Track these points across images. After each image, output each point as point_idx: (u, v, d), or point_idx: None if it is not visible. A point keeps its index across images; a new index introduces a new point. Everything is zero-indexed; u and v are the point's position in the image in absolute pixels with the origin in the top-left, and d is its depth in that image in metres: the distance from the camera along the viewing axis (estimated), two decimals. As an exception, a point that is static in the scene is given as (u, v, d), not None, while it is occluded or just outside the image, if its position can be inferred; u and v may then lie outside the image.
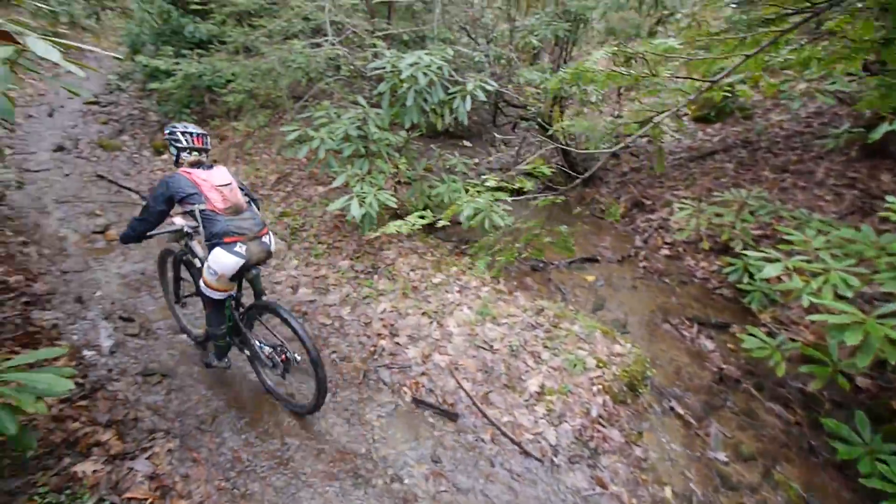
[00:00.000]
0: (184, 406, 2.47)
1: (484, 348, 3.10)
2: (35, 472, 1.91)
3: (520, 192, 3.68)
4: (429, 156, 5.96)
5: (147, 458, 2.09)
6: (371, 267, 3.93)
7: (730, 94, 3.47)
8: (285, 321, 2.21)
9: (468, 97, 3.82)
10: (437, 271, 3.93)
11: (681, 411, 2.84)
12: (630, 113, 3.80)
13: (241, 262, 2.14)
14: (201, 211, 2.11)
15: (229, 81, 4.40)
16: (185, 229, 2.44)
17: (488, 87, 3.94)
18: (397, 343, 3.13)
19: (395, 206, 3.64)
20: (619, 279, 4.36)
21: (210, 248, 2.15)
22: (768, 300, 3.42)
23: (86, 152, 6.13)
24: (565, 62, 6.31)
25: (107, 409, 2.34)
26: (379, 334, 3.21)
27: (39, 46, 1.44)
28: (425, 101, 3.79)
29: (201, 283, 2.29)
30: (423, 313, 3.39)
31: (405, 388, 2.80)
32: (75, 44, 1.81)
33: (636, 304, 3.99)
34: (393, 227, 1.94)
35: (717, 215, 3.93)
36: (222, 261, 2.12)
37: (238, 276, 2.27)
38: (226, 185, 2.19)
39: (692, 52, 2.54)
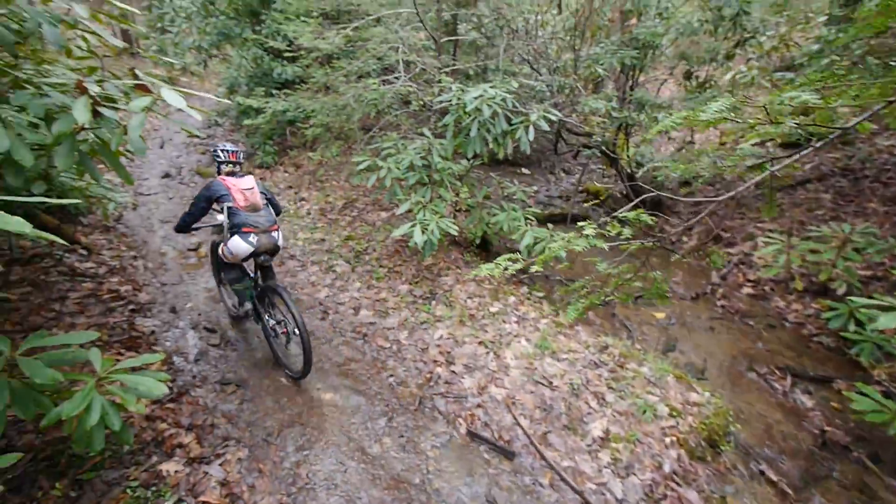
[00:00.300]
0: (253, 417, 2.63)
1: (543, 384, 2.98)
2: (129, 466, 2.12)
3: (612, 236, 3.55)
4: (488, 183, 6.03)
5: (220, 465, 2.23)
6: (429, 292, 3.99)
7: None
8: (284, 301, 2.68)
9: (531, 127, 3.84)
10: (494, 300, 3.88)
11: (773, 477, 2.48)
12: (734, 156, 3.51)
13: (251, 249, 2.71)
14: (228, 207, 2.72)
15: (309, 116, 4.85)
16: (224, 224, 2.86)
17: (552, 117, 3.94)
18: (453, 371, 3.11)
19: (455, 233, 3.71)
20: (693, 318, 4.01)
21: (231, 234, 2.71)
22: (883, 353, 2.93)
23: (186, 178, 7.01)
24: (631, 89, 6.15)
25: (189, 413, 2.56)
26: (435, 361, 3.21)
27: (170, 96, 1.70)
28: (488, 131, 3.88)
29: (220, 251, 2.93)
30: (480, 343, 3.34)
31: (460, 420, 2.75)
32: (191, 91, 2.12)
33: (715, 348, 3.62)
34: (485, 269, 1.96)
35: (813, 252, 3.50)
36: (237, 246, 2.70)
37: (250, 259, 2.84)
38: (249, 189, 2.78)
39: (827, 101, 2.22)
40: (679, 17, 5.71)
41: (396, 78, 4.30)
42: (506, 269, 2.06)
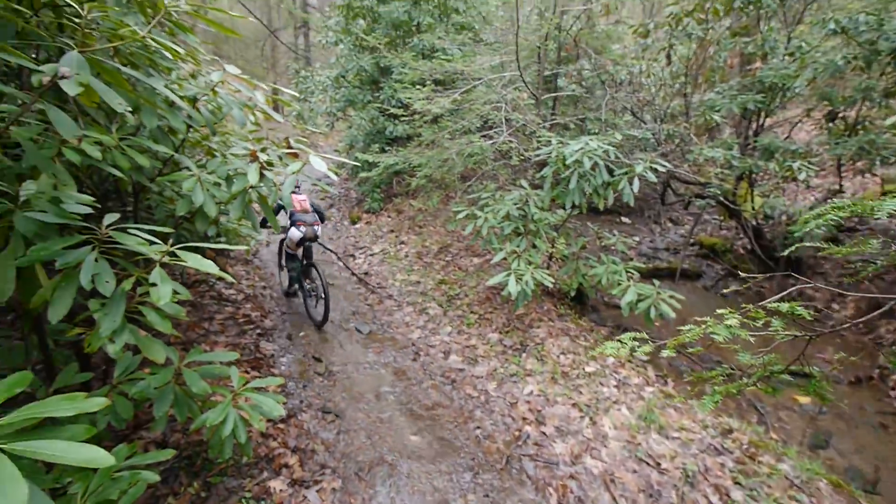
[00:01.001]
0: (348, 449, 2.77)
1: (648, 464, 2.62)
2: (245, 478, 2.38)
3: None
4: (585, 233, 5.83)
5: (317, 492, 2.37)
6: (520, 343, 3.89)
7: None
8: (318, 275, 4.12)
9: (636, 179, 3.69)
10: (590, 358, 3.62)
11: None
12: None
13: (300, 235, 4.04)
14: (289, 211, 4.16)
15: (415, 168, 5.36)
16: (287, 223, 4.22)
17: (659, 168, 3.75)
18: (543, 433, 2.92)
19: (550, 284, 3.62)
20: (853, 409, 3.21)
21: (290, 227, 4.11)
22: None
23: (308, 221, 8.13)
24: (755, 134, 5.55)
25: (295, 435, 2.80)
26: (524, 418, 3.06)
27: (316, 162, 2.06)
28: (588, 182, 3.82)
29: (285, 246, 4.51)
30: (574, 404, 3.11)
31: (551, 489, 2.53)
32: (326, 155, 2.52)
33: (889, 453, 2.82)
34: (609, 349, 1.87)
35: None
36: (293, 233, 4.07)
37: (301, 244, 4.16)
38: (302, 199, 4.19)
39: None
40: (816, 56, 5.11)
41: (497, 133, 4.55)
42: (632, 350, 1.90)
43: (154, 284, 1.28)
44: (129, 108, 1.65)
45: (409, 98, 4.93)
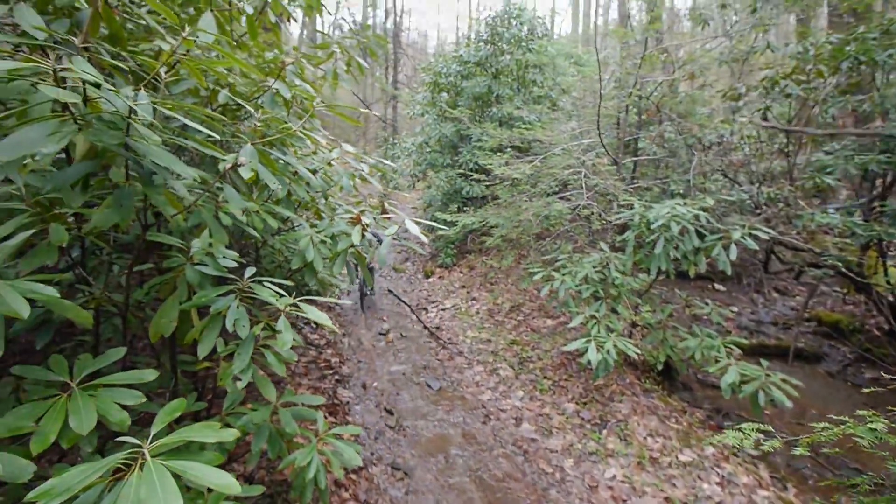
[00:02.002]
0: (415, 512, 2.70)
1: (769, 591, 2.15)
2: (317, 527, 2.41)
3: None
4: (672, 300, 5.39)
5: (383, 555, 2.32)
6: (599, 418, 3.59)
7: None
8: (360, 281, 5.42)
9: (732, 245, 3.43)
10: (684, 445, 3.19)
11: None
12: None
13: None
14: None
15: (491, 228, 5.54)
16: None
17: (761, 235, 3.45)
18: (630, 528, 2.57)
19: (634, 355, 3.37)
20: None
21: None
22: None
23: (385, 273, 8.63)
24: (883, 198, 4.88)
25: (365, 489, 2.82)
26: (606, 507, 2.74)
27: (411, 226, 2.28)
28: (676, 248, 3.62)
29: None
30: (667, 499, 2.72)
31: None
32: (420, 220, 2.77)
33: None
34: (731, 437, 1.70)
35: None
36: None
37: None
38: None
39: None
40: (956, 112, 4.49)
41: (574, 196, 4.60)
42: (758, 441, 1.65)
43: (279, 331, 1.50)
44: (279, 185, 2.02)
45: (490, 164, 5.24)
